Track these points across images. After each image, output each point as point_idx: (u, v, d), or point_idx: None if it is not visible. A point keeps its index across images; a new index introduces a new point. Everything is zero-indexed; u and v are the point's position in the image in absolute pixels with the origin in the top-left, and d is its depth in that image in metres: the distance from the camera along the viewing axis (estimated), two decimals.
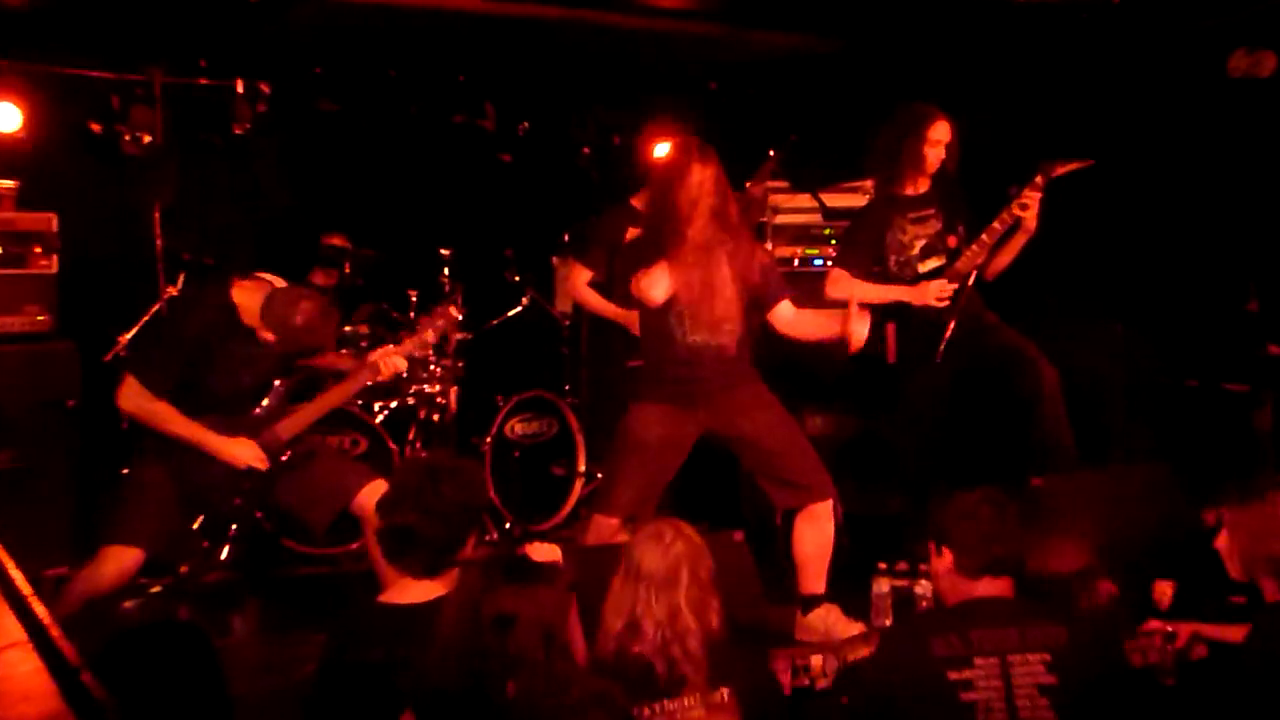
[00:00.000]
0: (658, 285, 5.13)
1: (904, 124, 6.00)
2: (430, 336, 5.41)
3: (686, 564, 3.57)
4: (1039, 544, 4.80)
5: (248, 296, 4.90)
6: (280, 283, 4.99)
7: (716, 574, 3.63)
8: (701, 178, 5.07)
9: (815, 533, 5.32)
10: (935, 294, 5.96)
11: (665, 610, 3.51)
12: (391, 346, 5.35)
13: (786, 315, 5.39)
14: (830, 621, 5.32)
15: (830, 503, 5.33)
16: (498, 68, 7.87)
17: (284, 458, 5.05)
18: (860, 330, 5.23)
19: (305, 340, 4.97)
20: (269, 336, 4.89)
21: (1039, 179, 5.85)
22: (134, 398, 4.83)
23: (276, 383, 5.08)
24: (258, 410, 5.03)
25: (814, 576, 5.36)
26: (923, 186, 6.11)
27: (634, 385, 5.48)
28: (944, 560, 3.69)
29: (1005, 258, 6.06)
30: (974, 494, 3.73)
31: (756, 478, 5.41)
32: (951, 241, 6.07)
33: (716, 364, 5.22)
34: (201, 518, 5.11)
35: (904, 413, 6.18)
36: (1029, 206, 5.85)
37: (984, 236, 5.95)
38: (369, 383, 5.23)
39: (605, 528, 5.30)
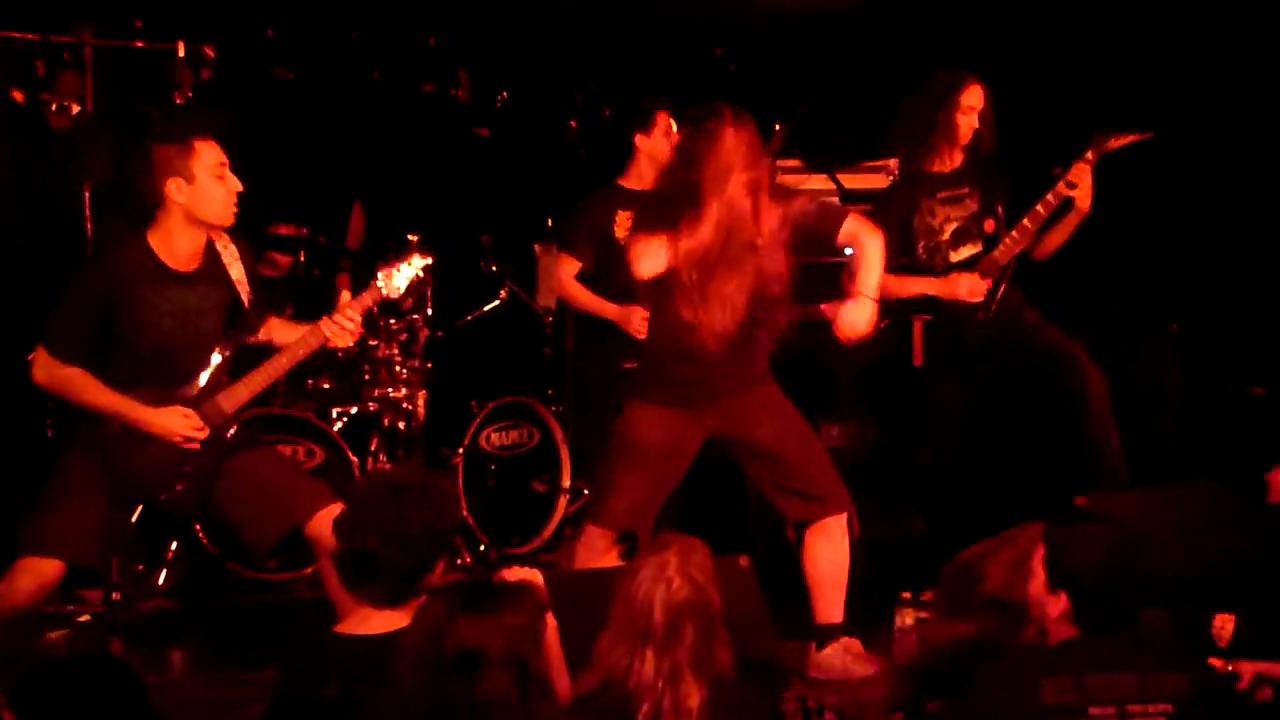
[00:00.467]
0: (649, 258, 5.08)
1: (933, 90, 6.00)
2: (386, 286, 5.32)
3: (692, 616, 3.54)
4: None
5: (165, 239, 4.88)
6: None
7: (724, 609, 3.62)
8: (735, 145, 5.02)
9: (830, 550, 5.31)
10: (967, 289, 5.95)
11: (667, 669, 3.50)
12: (346, 297, 5.24)
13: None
14: (849, 659, 5.31)
15: (845, 517, 5.33)
16: (473, 30, 7.87)
17: (229, 435, 5.00)
18: (854, 318, 5.18)
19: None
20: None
21: (1089, 154, 5.84)
22: (46, 367, 4.82)
23: (215, 353, 5.01)
24: (195, 383, 4.97)
25: (830, 603, 5.35)
26: (955, 162, 6.10)
27: (633, 383, 5.46)
28: (1059, 602, 3.64)
29: (1057, 237, 6.03)
30: (1098, 527, 3.70)
31: (764, 488, 5.39)
32: (989, 226, 6.06)
33: (727, 362, 5.20)
34: (133, 521, 5.07)
35: (931, 422, 6.18)
36: (1078, 184, 5.84)
37: (1025, 221, 5.94)
38: (316, 347, 5.14)
39: (598, 540, 5.30)
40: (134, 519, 5.08)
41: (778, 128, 6.67)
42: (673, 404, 5.24)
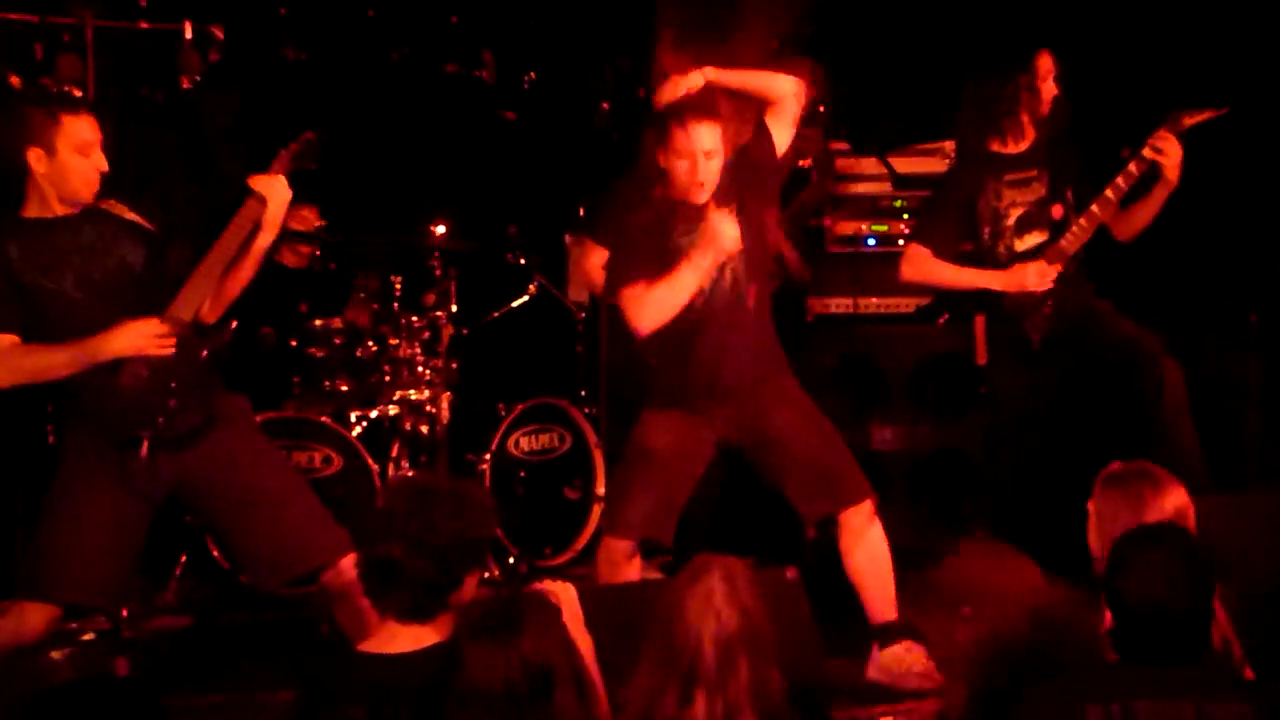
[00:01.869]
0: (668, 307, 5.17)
1: (1002, 65, 5.96)
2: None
3: (746, 649, 3.45)
4: None
5: (30, 204, 4.85)
6: None
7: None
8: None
9: (864, 544, 5.33)
10: (1034, 280, 5.91)
11: (721, 710, 3.43)
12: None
13: None
14: (908, 663, 5.28)
15: (870, 505, 5.33)
16: (498, 7, 7.86)
17: (206, 350, 4.95)
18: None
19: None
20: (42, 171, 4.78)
21: (1164, 130, 5.79)
22: None
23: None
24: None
25: (879, 600, 5.35)
26: (1025, 143, 6.05)
27: (647, 384, 5.53)
28: (1106, 617, 3.59)
29: (1144, 213, 5.95)
30: (1163, 551, 3.65)
31: (783, 489, 5.40)
32: (1056, 212, 6.01)
33: (737, 359, 5.29)
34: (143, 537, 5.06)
35: (994, 423, 6.15)
36: (1165, 151, 5.77)
37: (1094, 208, 5.89)
38: (249, 228, 4.98)
39: (617, 552, 5.33)
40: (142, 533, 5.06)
41: (821, 109, 6.66)
42: (680, 407, 5.32)
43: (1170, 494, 4.23)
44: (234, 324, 5.05)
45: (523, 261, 7.72)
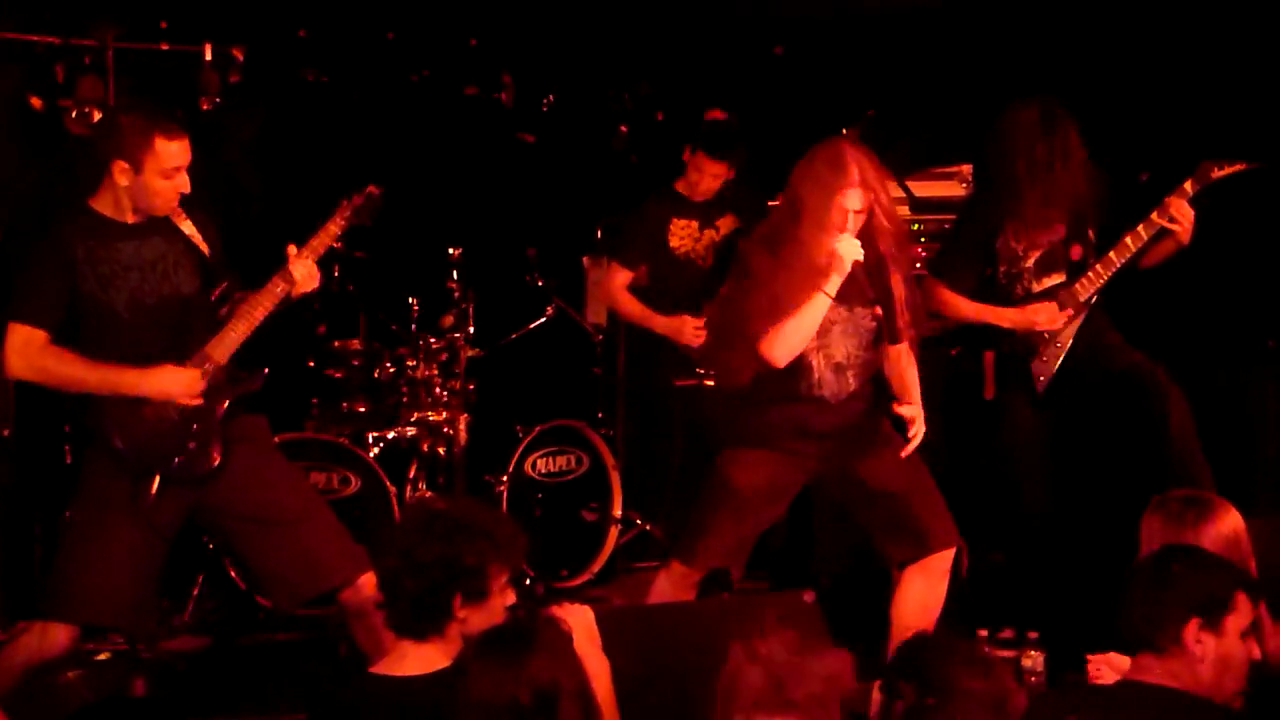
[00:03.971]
0: (798, 339, 5.16)
1: (1017, 138, 5.93)
2: (338, 224, 5.29)
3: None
4: None
5: (104, 201, 4.88)
6: None
7: None
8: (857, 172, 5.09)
9: (926, 592, 5.33)
10: (1044, 322, 5.95)
11: None
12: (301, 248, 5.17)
13: (893, 358, 5.44)
14: None
15: (951, 554, 5.35)
16: (517, 30, 7.88)
17: (229, 398, 5.00)
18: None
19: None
20: (124, 183, 4.81)
21: (1189, 184, 5.79)
22: (23, 351, 4.76)
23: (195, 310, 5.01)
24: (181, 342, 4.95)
25: None
26: None
27: (734, 421, 5.47)
28: None
29: (1149, 260, 5.98)
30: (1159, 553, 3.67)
31: (871, 530, 5.41)
32: (1075, 253, 6.02)
33: (842, 406, 5.32)
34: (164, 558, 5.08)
35: (1004, 457, 6.17)
36: (1179, 220, 5.80)
37: (1111, 255, 5.93)
38: (281, 295, 5.04)
39: (684, 579, 5.40)
40: (165, 555, 5.07)
41: (844, 132, 6.66)
42: (774, 446, 5.31)
43: (1223, 519, 4.22)
44: (265, 371, 5.09)
45: (541, 283, 7.73)
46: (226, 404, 4.97)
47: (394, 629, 3.76)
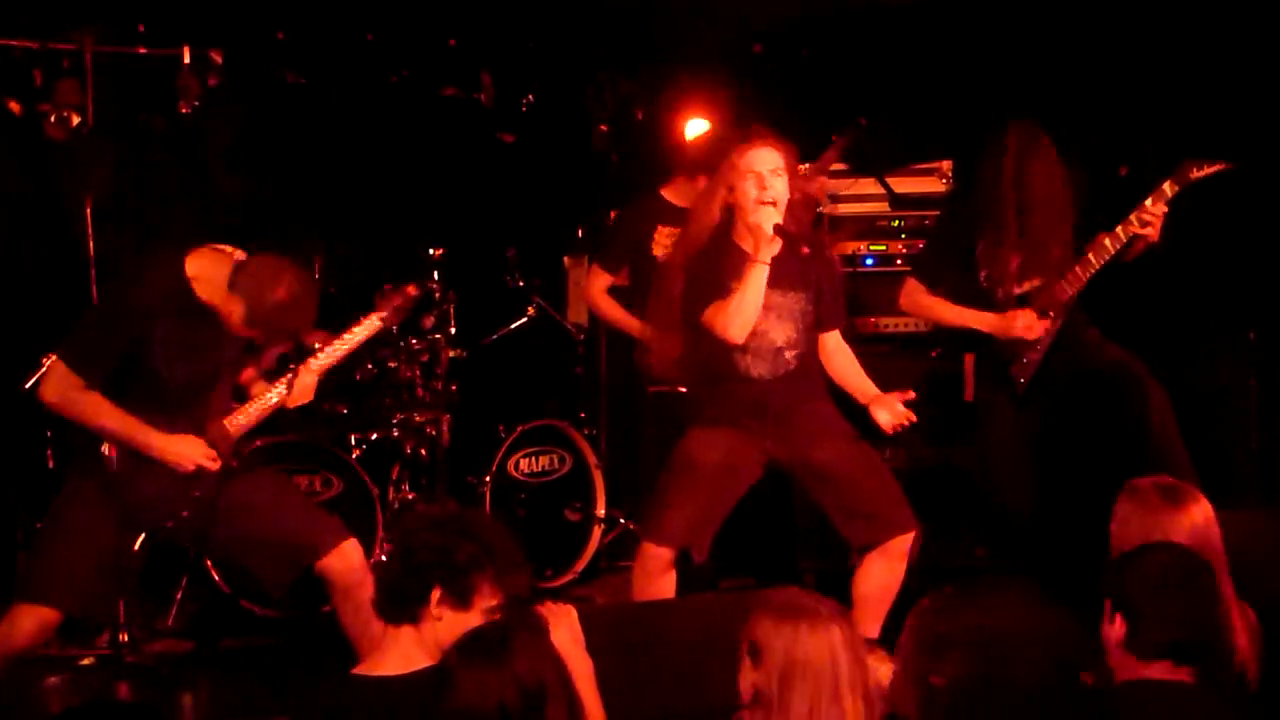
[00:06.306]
0: (750, 311, 5.27)
1: (999, 156, 5.95)
2: (357, 336, 5.31)
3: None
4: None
5: (205, 267, 4.85)
6: (242, 255, 4.93)
7: None
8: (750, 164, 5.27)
9: (885, 571, 5.43)
10: (1022, 329, 5.96)
11: None
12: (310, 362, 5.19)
13: (830, 349, 5.61)
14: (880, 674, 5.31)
15: (910, 538, 5.44)
16: (496, 30, 7.87)
17: (234, 464, 5.02)
18: None
19: (284, 320, 4.85)
20: (235, 313, 4.80)
21: (1168, 184, 5.80)
22: (60, 386, 4.77)
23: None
24: (203, 409, 4.98)
25: (870, 619, 5.40)
26: None
27: (694, 402, 5.63)
28: (1115, 629, 3.60)
29: (1121, 257, 6.01)
30: (1166, 553, 3.66)
31: (828, 513, 5.50)
32: (1055, 254, 6.03)
33: (783, 384, 5.41)
34: (139, 559, 5.08)
35: (985, 456, 6.19)
36: (1152, 224, 5.82)
37: (1090, 256, 5.94)
38: (276, 405, 5.10)
39: (654, 560, 5.43)
40: (140, 556, 5.08)
41: (835, 140, 6.68)
42: (731, 426, 5.41)
43: (1193, 507, 4.23)
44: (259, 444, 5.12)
45: (521, 284, 7.72)
46: (232, 467, 5.01)
47: (375, 609, 3.77)
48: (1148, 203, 5.83)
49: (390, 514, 6.70)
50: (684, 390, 6.50)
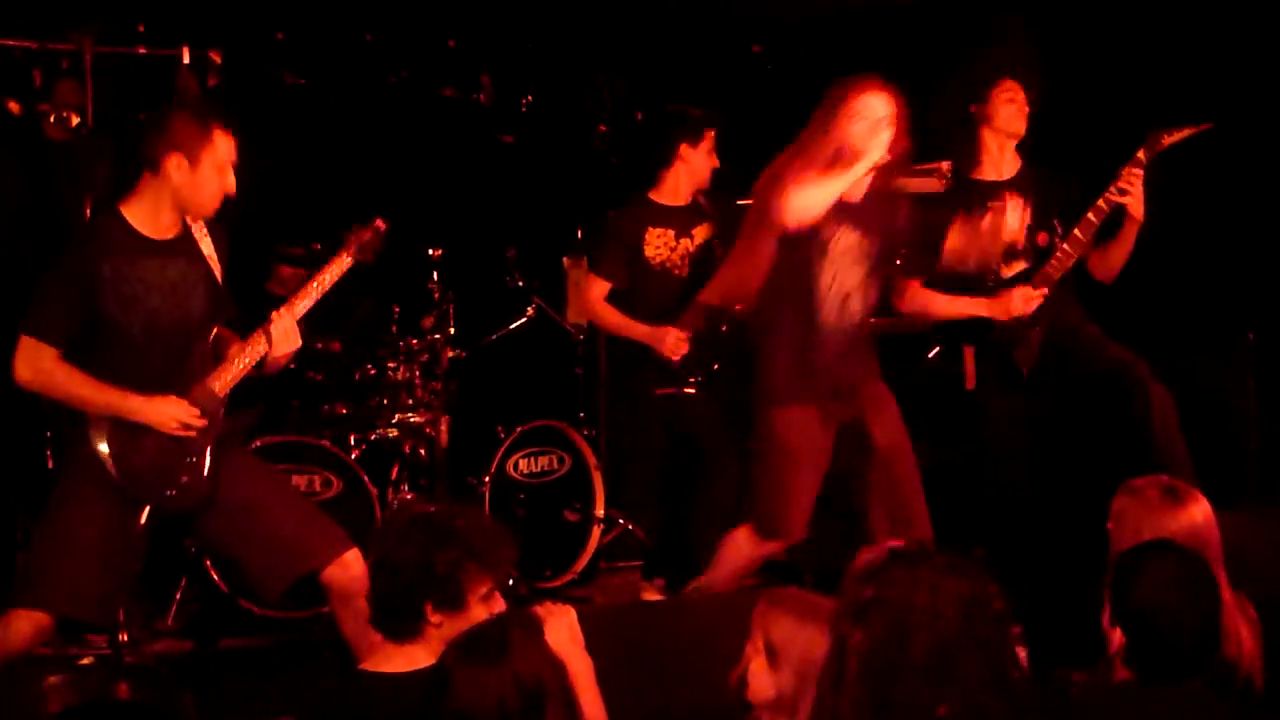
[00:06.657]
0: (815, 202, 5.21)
1: (963, 88, 6.01)
2: (344, 261, 5.27)
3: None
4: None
5: (142, 209, 4.87)
6: None
7: None
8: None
9: None
10: (1019, 305, 5.96)
11: None
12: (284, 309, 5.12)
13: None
14: None
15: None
16: (495, 30, 7.87)
17: (231, 429, 5.00)
18: None
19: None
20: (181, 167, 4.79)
21: (1141, 153, 5.83)
22: (31, 361, 4.77)
23: (202, 335, 5.01)
24: (186, 367, 4.94)
25: None
26: (1008, 170, 6.09)
27: (765, 382, 5.53)
28: (1115, 636, 3.58)
29: (1118, 253, 6.03)
30: (1168, 564, 3.65)
31: (869, 499, 5.52)
32: (1041, 239, 6.05)
33: (856, 349, 5.45)
34: (142, 560, 5.07)
35: (986, 450, 6.18)
36: (1129, 190, 5.83)
37: (1077, 232, 5.95)
38: (259, 355, 5.02)
39: (756, 551, 5.51)
40: (142, 558, 5.07)
41: None
42: (817, 402, 5.37)
43: (1192, 507, 4.23)
44: (260, 406, 5.07)
45: (521, 284, 7.72)
46: (220, 435, 4.97)
47: (374, 625, 3.78)
48: (1124, 171, 5.85)
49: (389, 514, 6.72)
50: (691, 392, 6.53)
